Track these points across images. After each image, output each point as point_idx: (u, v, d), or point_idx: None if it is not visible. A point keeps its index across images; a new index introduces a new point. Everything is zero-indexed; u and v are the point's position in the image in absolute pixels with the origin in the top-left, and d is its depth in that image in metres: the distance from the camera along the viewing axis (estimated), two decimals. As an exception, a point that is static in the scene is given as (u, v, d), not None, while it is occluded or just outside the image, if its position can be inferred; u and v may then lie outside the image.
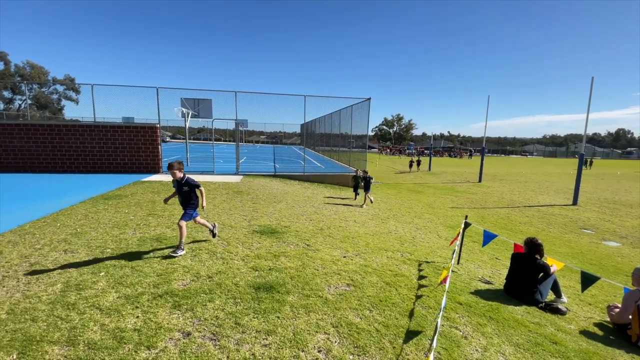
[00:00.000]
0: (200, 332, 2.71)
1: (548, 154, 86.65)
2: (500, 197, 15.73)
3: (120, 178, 10.67)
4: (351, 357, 2.55)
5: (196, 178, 4.81)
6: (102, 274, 3.71)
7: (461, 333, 3.05)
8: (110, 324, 2.74)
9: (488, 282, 4.68)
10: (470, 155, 54.63)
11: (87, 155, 11.76)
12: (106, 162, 11.89)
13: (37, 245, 4.59)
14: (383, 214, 9.58)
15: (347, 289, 3.76)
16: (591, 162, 38.43)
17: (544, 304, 4.05)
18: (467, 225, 5.30)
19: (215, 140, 19.61)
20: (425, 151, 56.55)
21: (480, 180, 21.17)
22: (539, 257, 4.16)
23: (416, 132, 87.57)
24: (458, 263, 5.35)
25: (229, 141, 44.44)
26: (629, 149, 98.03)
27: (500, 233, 7.08)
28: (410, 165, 26.78)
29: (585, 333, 3.55)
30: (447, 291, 3.91)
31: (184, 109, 13.82)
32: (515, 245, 4.68)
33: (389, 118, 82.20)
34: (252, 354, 2.47)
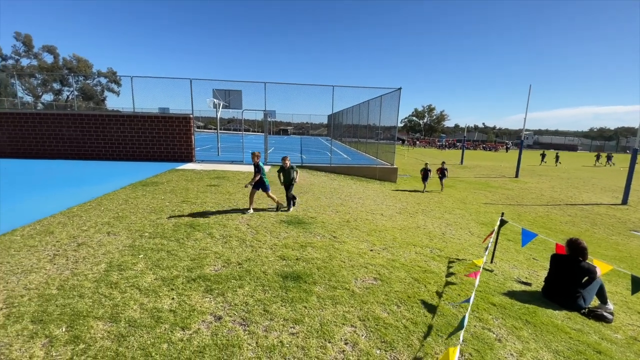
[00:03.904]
0: (230, 316, 2.80)
1: (595, 148, 79.77)
2: (539, 193, 14.81)
3: (156, 166, 11.21)
4: (378, 352, 2.52)
5: (227, 168, 4.95)
6: (141, 256, 3.94)
7: (494, 335, 2.92)
8: (148, 304, 2.91)
9: (525, 283, 4.44)
10: (507, 148, 51.44)
11: (127, 143, 12.45)
12: (144, 151, 12.53)
13: (83, 226, 4.96)
14: (411, 208, 9.36)
15: (374, 283, 3.72)
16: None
17: (587, 310, 3.77)
18: (502, 222, 5.04)
19: (244, 131, 20.00)
20: (458, 143, 54.30)
21: (517, 176, 20.03)
22: (582, 259, 3.87)
23: (448, 123, 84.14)
24: (492, 262, 5.12)
25: (257, 131, 45.26)
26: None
27: (538, 232, 6.67)
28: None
29: (633, 343, 3.28)
30: (480, 291, 3.76)
31: (215, 100, 14.18)
32: (557, 245, 4.39)
33: (420, 109, 79.62)
34: (280, 342, 2.52)
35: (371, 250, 4.84)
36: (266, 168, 11.86)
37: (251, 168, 6.53)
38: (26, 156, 12.23)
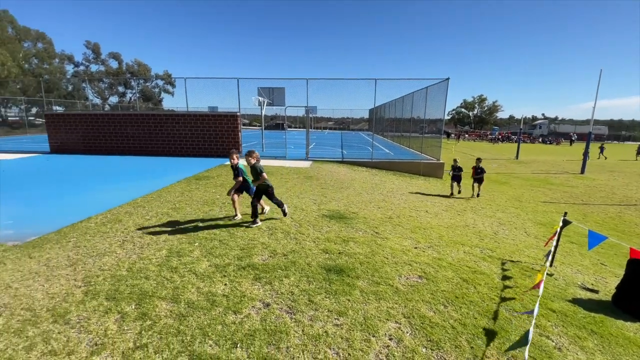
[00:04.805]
0: (278, 304, 2.94)
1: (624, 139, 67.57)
2: (609, 192, 13.20)
3: (207, 161, 11.96)
4: (424, 350, 2.48)
5: (270, 163, 5.15)
6: (197, 244, 4.27)
7: (554, 343, 2.70)
8: (204, 288, 3.16)
9: (591, 290, 4.02)
10: (572, 141, 45.86)
11: (181, 140, 13.44)
12: (196, 147, 13.43)
13: (146, 216, 5.48)
14: (459, 205, 8.91)
15: (419, 281, 3.63)
16: None
17: (669, 324, 3.32)
18: (565, 222, 4.60)
19: (286, 127, 20.49)
20: (512, 136, 50.15)
21: (582, 172, 18.01)
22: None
23: (502, 114, 77.93)
24: (551, 265, 4.71)
25: (299, 128, 46.02)
26: None
27: (608, 235, 5.98)
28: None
29: None
30: (537, 295, 3.50)
31: (260, 98, 14.70)
32: (632, 250, 3.90)
33: (469, 99, 74.83)
34: (325, 332, 2.59)
35: (415, 248, 4.72)
36: (302, 164, 12.05)
37: (294, 163, 6.68)
38: (96, 152, 13.76)
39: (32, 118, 30.67)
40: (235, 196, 5.40)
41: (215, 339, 2.47)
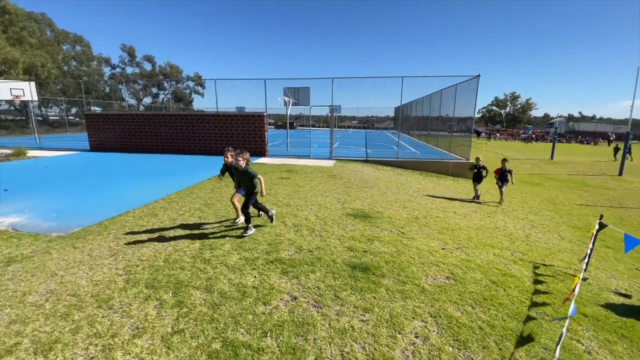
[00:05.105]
0: (305, 298, 3.03)
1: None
2: (655, 195, 12.23)
3: (235, 159, 12.34)
4: (451, 349, 2.47)
5: (295, 162, 5.25)
6: (227, 238, 4.46)
7: (584, 347, 2.61)
8: (235, 279, 3.32)
9: (624, 295, 3.82)
10: (610, 141, 42.79)
11: (210, 139, 13.95)
12: (224, 146, 13.87)
13: (180, 211, 5.78)
14: (489, 207, 8.63)
15: (447, 281, 3.60)
16: None
17: None
18: (601, 226, 4.36)
19: (310, 126, 20.65)
20: (547, 135, 47.55)
21: (620, 174, 16.80)
22: None
23: (536, 112, 73.83)
24: (585, 270, 4.48)
25: (322, 127, 46.17)
26: None
27: (654, 241, 5.59)
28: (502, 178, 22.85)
29: None
30: (574, 299, 3.36)
31: (286, 98, 14.94)
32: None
33: (501, 97, 71.57)
34: (351, 326, 2.65)
35: (443, 249, 4.66)
36: (326, 162, 12.12)
37: (318, 162, 6.74)
38: (132, 150, 14.57)
39: (72, 117, 32.96)
40: (236, 197, 4.99)
41: (247, 328, 2.61)
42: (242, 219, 5.02)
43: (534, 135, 47.44)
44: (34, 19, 31.60)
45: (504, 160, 8.95)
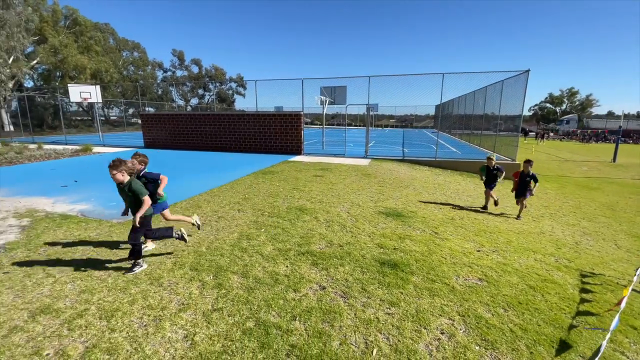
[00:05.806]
0: (333, 288, 3.16)
1: None
2: None
3: (272, 157, 12.81)
4: (477, 347, 2.46)
5: (330, 160, 5.38)
6: (263, 230, 4.74)
7: (632, 362, 2.43)
8: (268, 268, 3.54)
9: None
10: None
11: (250, 138, 14.60)
12: (263, 144, 14.46)
13: (221, 204, 6.20)
14: (536, 211, 8.09)
15: (479, 283, 3.52)
16: None
17: None
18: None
19: (346, 125, 20.71)
20: (609, 136, 42.78)
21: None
22: None
23: (598, 110, 66.74)
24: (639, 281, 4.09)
25: (359, 126, 45.84)
26: None
27: None
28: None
29: None
30: (621, 311, 3.13)
31: (322, 97, 15.15)
32: None
33: (556, 93, 65.73)
34: (376, 318, 2.73)
35: (478, 251, 4.52)
36: (361, 161, 12.10)
37: (353, 161, 6.83)
38: (180, 148, 15.71)
39: (130, 117, 36.31)
40: (172, 216, 4.20)
41: (278, 311, 2.80)
42: (150, 246, 4.19)
43: (592, 135, 43.01)
44: (99, 28, 35.21)
45: (527, 162, 6.67)
